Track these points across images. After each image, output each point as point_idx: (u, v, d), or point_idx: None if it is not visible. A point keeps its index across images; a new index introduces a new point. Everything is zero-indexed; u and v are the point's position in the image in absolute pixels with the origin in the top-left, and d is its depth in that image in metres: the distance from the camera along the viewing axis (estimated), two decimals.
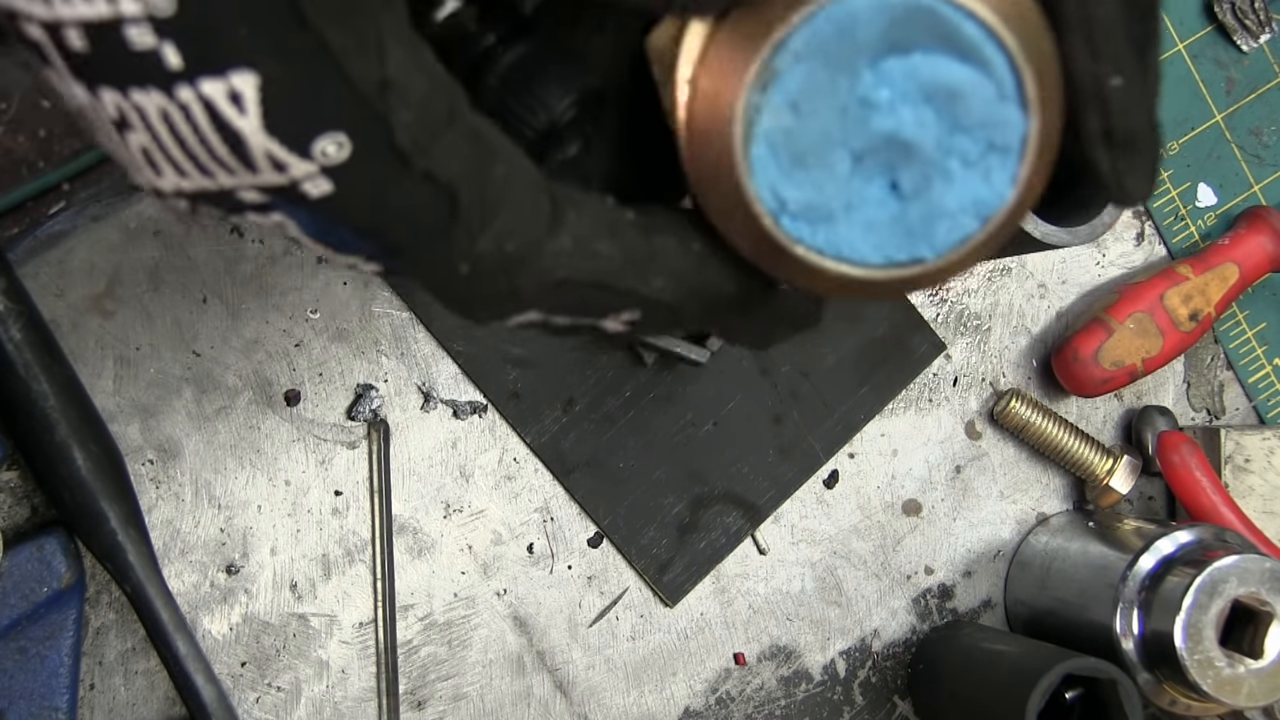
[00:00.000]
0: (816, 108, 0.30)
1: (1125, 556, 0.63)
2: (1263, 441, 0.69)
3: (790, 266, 0.32)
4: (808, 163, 0.30)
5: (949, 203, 0.30)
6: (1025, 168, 0.30)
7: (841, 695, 0.68)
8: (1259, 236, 0.69)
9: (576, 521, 0.66)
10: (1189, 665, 0.59)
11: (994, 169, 0.30)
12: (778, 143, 0.30)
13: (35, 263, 0.60)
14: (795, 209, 0.31)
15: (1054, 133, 0.31)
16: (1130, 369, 0.68)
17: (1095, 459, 0.68)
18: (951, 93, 0.30)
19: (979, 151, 0.30)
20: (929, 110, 0.30)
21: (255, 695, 0.62)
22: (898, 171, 0.30)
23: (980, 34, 0.29)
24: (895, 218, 0.31)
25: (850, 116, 0.30)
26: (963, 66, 0.29)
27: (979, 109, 0.30)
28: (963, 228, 0.31)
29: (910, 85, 0.30)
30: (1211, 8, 0.72)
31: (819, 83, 0.30)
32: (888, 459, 0.69)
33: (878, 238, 0.31)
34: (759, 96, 0.30)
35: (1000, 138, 0.30)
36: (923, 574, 0.69)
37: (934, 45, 0.29)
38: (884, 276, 0.31)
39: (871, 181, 0.30)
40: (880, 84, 0.30)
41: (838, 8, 0.29)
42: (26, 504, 0.58)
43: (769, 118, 0.30)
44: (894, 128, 0.30)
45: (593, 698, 0.65)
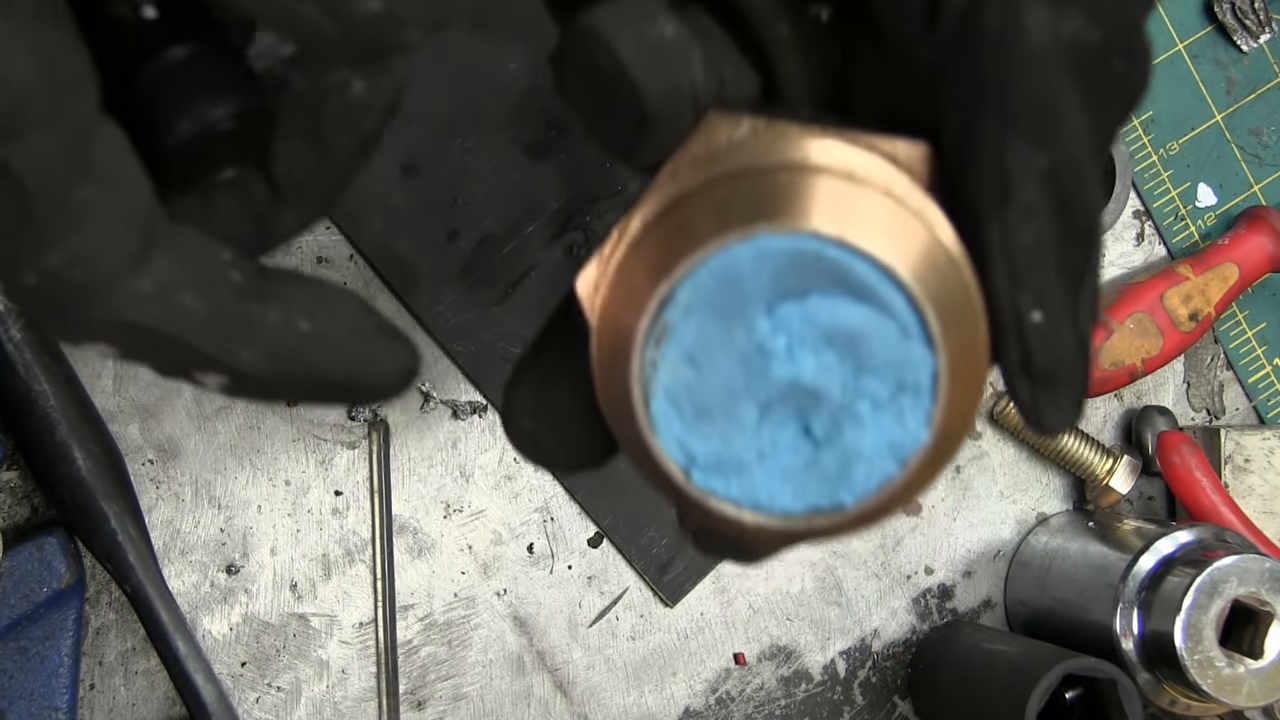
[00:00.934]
0: (714, 360, 0.29)
1: (1125, 556, 0.63)
2: (1263, 441, 0.69)
3: (711, 518, 0.30)
4: (713, 415, 0.29)
5: (864, 447, 0.29)
6: (940, 405, 0.29)
7: (841, 695, 0.68)
8: (1259, 236, 0.69)
9: (576, 521, 0.66)
10: (1189, 665, 0.59)
11: (906, 410, 0.29)
12: (679, 397, 0.29)
13: None
14: (705, 462, 0.29)
15: (973, 361, 0.29)
16: (1130, 369, 0.68)
17: (1095, 459, 0.68)
18: (851, 335, 0.28)
19: (889, 393, 0.29)
20: (831, 354, 0.28)
21: (255, 695, 0.62)
22: (808, 416, 0.29)
23: (873, 274, 0.28)
24: (810, 464, 0.29)
25: (750, 365, 0.29)
26: (860, 308, 0.28)
27: (882, 350, 0.28)
28: (881, 471, 0.29)
29: (808, 330, 0.28)
30: (1211, 8, 0.72)
31: (713, 334, 0.29)
32: None
33: (796, 485, 0.29)
34: (654, 352, 0.29)
35: (909, 378, 0.28)
36: (923, 574, 0.69)
37: (828, 287, 0.28)
38: (805, 526, 0.30)
39: (783, 428, 0.29)
40: (777, 331, 0.28)
41: (721, 258, 0.28)
42: (26, 504, 0.58)
43: (666, 373, 0.29)
44: (796, 375, 0.28)
45: (593, 698, 0.65)
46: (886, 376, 0.28)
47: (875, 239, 0.28)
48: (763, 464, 0.29)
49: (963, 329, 0.29)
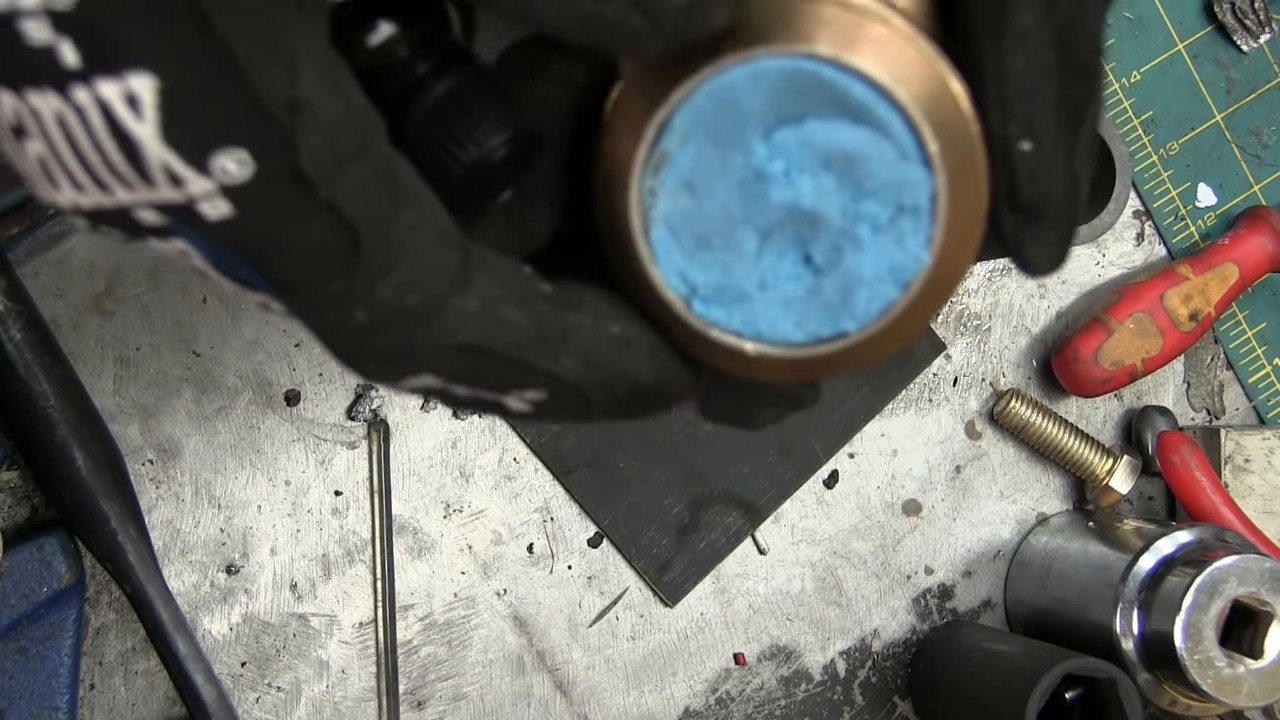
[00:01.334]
0: (712, 186, 0.29)
1: (1125, 556, 0.63)
2: (1263, 441, 0.69)
3: (712, 351, 0.30)
4: (712, 244, 0.29)
5: (865, 271, 0.29)
6: (940, 227, 0.28)
7: (841, 695, 0.68)
8: (1259, 236, 0.69)
9: (576, 521, 0.66)
10: (1189, 665, 0.59)
11: (906, 232, 0.28)
12: (678, 226, 0.29)
13: (35, 263, 0.60)
14: (706, 292, 0.29)
15: (973, 185, 0.29)
16: (1130, 369, 0.68)
17: (1095, 459, 0.68)
18: (849, 158, 0.28)
19: (888, 215, 0.28)
20: (829, 178, 0.28)
21: (255, 695, 0.62)
22: (808, 244, 0.29)
23: (870, 94, 0.28)
24: (812, 291, 0.29)
25: (749, 191, 0.28)
26: (857, 129, 0.28)
27: (881, 172, 0.28)
28: (883, 296, 0.29)
29: (806, 154, 0.28)
30: (1211, 8, 0.72)
31: (710, 161, 0.28)
32: (888, 459, 0.69)
33: (797, 314, 0.29)
34: (653, 180, 0.29)
35: (908, 199, 0.28)
36: (923, 574, 0.69)
37: (825, 111, 0.28)
38: (810, 354, 0.29)
39: (783, 256, 0.29)
40: (774, 155, 0.28)
41: (716, 82, 0.28)
42: (26, 504, 0.58)
43: (665, 201, 0.29)
44: (795, 199, 0.28)
45: (593, 698, 0.65)
46: (885, 199, 0.28)
47: (873, 61, 0.28)
48: (764, 293, 0.29)
49: (961, 153, 0.29)
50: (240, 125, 0.24)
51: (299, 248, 0.25)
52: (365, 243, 0.26)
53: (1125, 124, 0.71)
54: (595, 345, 0.29)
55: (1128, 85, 0.72)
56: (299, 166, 0.24)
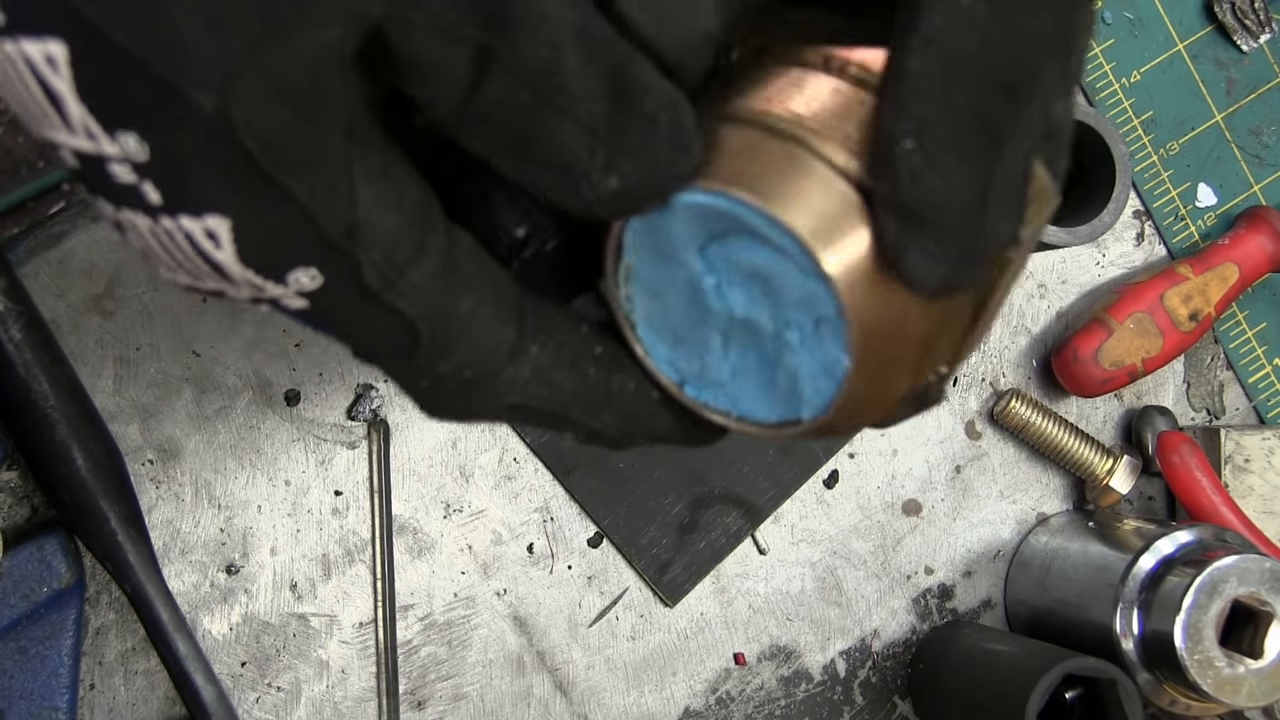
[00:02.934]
0: (668, 294, 0.32)
1: (1125, 556, 0.63)
2: (1263, 441, 0.69)
3: (713, 424, 0.33)
4: (687, 341, 0.32)
5: (803, 371, 0.31)
6: (853, 332, 0.30)
7: (841, 695, 0.68)
8: (1259, 236, 0.69)
9: (576, 521, 0.66)
10: (1189, 665, 0.59)
11: (826, 338, 0.30)
12: (657, 326, 0.32)
13: (35, 263, 0.60)
14: (693, 379, 0.33)
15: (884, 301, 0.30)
16: (1130, 369, 0.68)
17: (1095, 459, 0.68)
18: (764, 275, 0.30)
19: (810, 324, 0.30)
20: (756, 289, 0.31)
21: (255, 695, 0.62)
22: (760, 344, 0.32)
23: (764, 222, 0.29)
24: (770, 382, 0.32)
25: (697, 301, 0.31)
26: (761, 251, 0.30)
27: (791, 287, 0.30)
28: (823, 391, 0.31)
29: (732, 270, 0.31)
30: (1211, 8, 0.72)
31: (660, 272, 0.31)
32: (888, 459, 0.69)
33: (766, 400, 0.32)
34: (626, 287, 0.32)
35: (820, 310, 0.30)
36: (923, 574, 0.69)
37: (739, 233, 0.30)
38: (780, 434, 0.32)
39: (746, 353, 0.32)
40: (709, 270, 0.31)
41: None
42: (26, 504, 0.58)
43: (641, 305, 0.32)
44: (729, 309, 0.31)
45: (593, 698, 0.65)
46: (804, 310, 0.30)
47: (764, 191, 0.29)
48: (737, 381, 0.32)
49: (863, 265, 0.30)
50: (306, 250, 0.27)
51: (368, 337, 0.29)
52: (425, 335, 0.29)
53: (1125, 124, 0.71)
54: (634, 406, 0.33)
55: (1127, 85, 0.72)
56: (362, 280, 0.28)
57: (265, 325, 0.62)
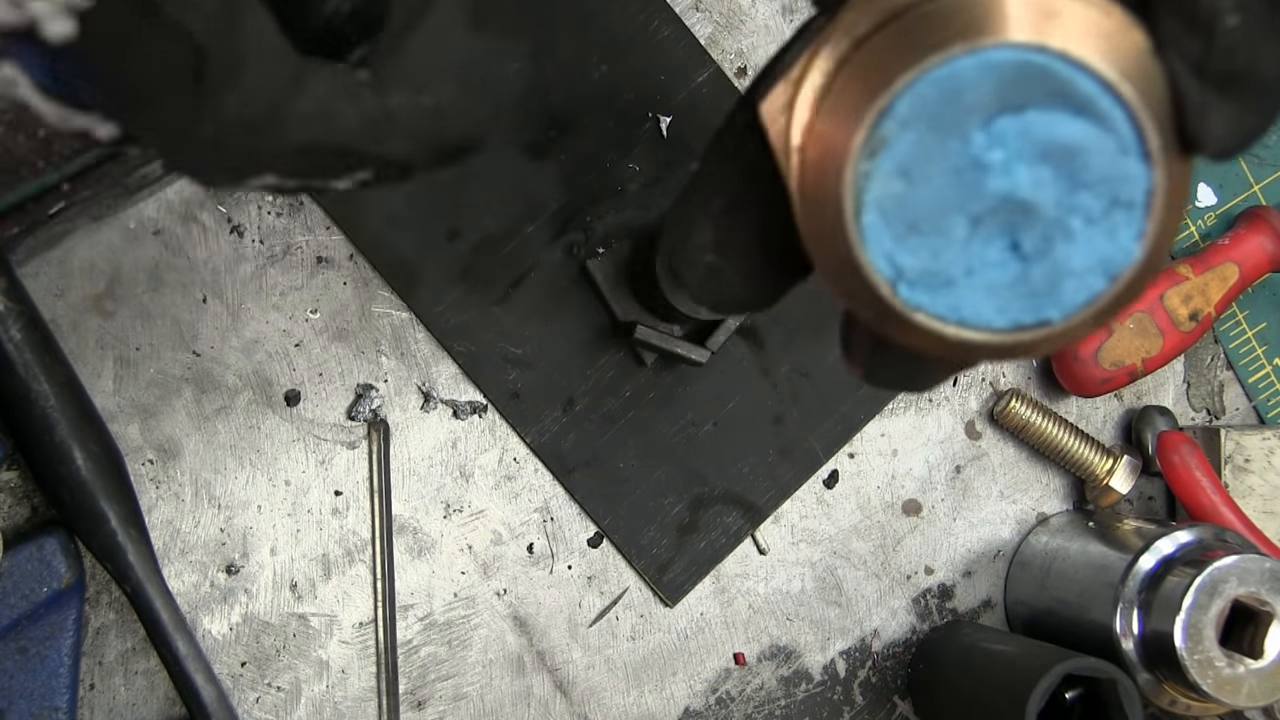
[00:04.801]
0: (928, 173, 0.29)
1: (1125, 556, 0.63)
2: (1263, 441, 0.69)
3: (911, 333, 0.31)
4: (923, 229, 0.30)
5: (1074, 262, 0.29)
6: (1153, 222, 0.29)
7: (841, 695, 0.68)
8: (1259, 236, 0.69)
9: (576, 521, 0.66)
10: (1189, 665, 0.59)
11: (1119, 226, 0.29)
12: (890, 210, 0.30)
13: (35, 263, 0.60)
14: (913, 276, 0.30)
15: (1181, 186, 0.30)
16: (1130, 369, 0.68)
17: (1095, 459, 0.68)
18: (1068, 150, 0.29)
19: (1102, 208, 0.29)
20: (1046, 169, 0.29)
21: (255, 695, 0.62)
22: (1018, 232, 0.29)
23: (1096, 88, 0.28)
24: (1018, 280, 0.30)
25: (964, 179, 0.29)
26: (1079, 122, 0.28)
27: (1099, 165, 0.29)
28: (1090, 287, 0.30)
29: (1025, 145, 0.29)
30: None
31: (929, 148, 0.29)
32: (888, 459, 0.69)
33: (1001, 301, 0.30)
34: (867, 164, 0.29)
35: (1124, 193, 0.29)
36: (923, 574, 0.69)
37: (1047, 102, 0.28)
38: (1009, 340, 0.30)
39: (991, 244, 0.30)
40: (993, 145, 0.29)
41: (942, 71, 0.29)
42: (26, 504, 0.58)
43: (879, 186, 0.29)
44: (1010, 189, 0.29)
45: (593, 698, 0.65)
46: (1101, 192, 0.29)
47: (1099, 54, 0.28)
48: (970, 279, 0.30)
49: (1172, 145, 0.29)
50: None
51: (144, 66, 0.27)
52: (211, 54, 0.27)
53: None
54: (415, 122, 0.32)
55: None
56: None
57: (265, 325, 0.62)
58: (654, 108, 0.65)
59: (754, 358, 0.67)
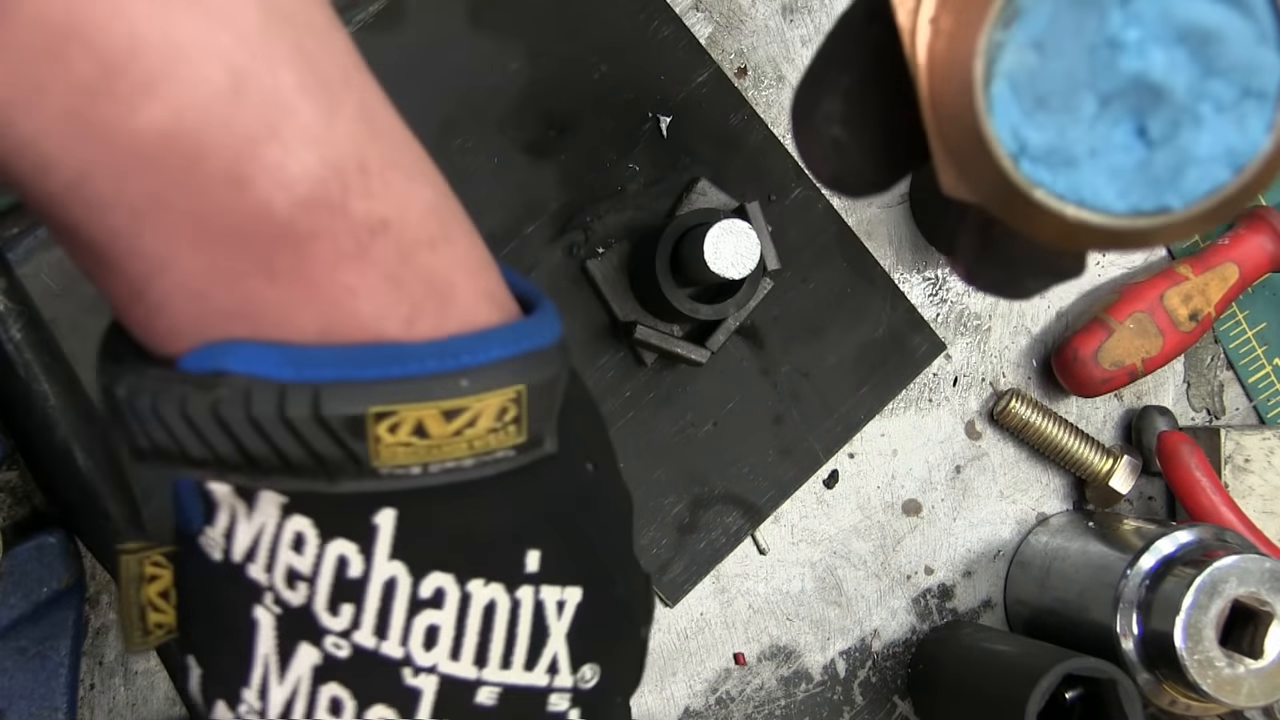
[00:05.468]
0: (1062, 47, 0.29)
1: (1125, 556, 0.63)
2: (1263, 441, 0.69)
3: (1028, 211, 0.30)
4: (1051, 104, 0.29)
5: (1200, 150, 0.29)
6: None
7: (841, 695, 0.68)
8: (1259, 236, 0.69)
9: None
10: (1189, 665, 0.59)
11: (1249, 115, 0.29)
12: (1020, 83, 0.29)
13: (35, 263, 0.60)
14: (1037, 152, 0.30)
15: None
16: (1130, 369, 0.68)
17: (1095, 459, 0.68)
18: (1206, 35, 0.28)
19: (1234, 97, 0.29)
20: (1181, 52, 0.29)
21: None
22: (1145, 116, 0.29)
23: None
24: (1142, 164, 0.29)
25: (1097, 57, 0.29)
26: (1218, 7, 0.28)
27: (1235, 52, 0.28)
28: (1214, 177, 0.29)
29: (1162, 26, 0.29)
30: None
31: (1065, 21, 0.29)
32: (888, 459, 0.69)
33: (1122, 185, 0.30)
34: (1002, 34, 0.29)
35: (1257, 83, 0.29)
36: (923, 574, 0.69)
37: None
38: (1127, 225, 0.30)
39: (1117, 125, 0.29)
40: (1130, 24, 0.29)
41: None
42: (26, 504, 0.58)
43: (1012, 56, 0.29)
44: (1143, 70, 0.29)
45: None
46: (1234, 80, 0.28)
47: None
48: (1093, 160, 0.30)
49: None
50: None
51: None
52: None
53: None
54: None
55: None
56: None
57: None
58: (654, 108, 0.65)
59: (754, 358, 0.67)
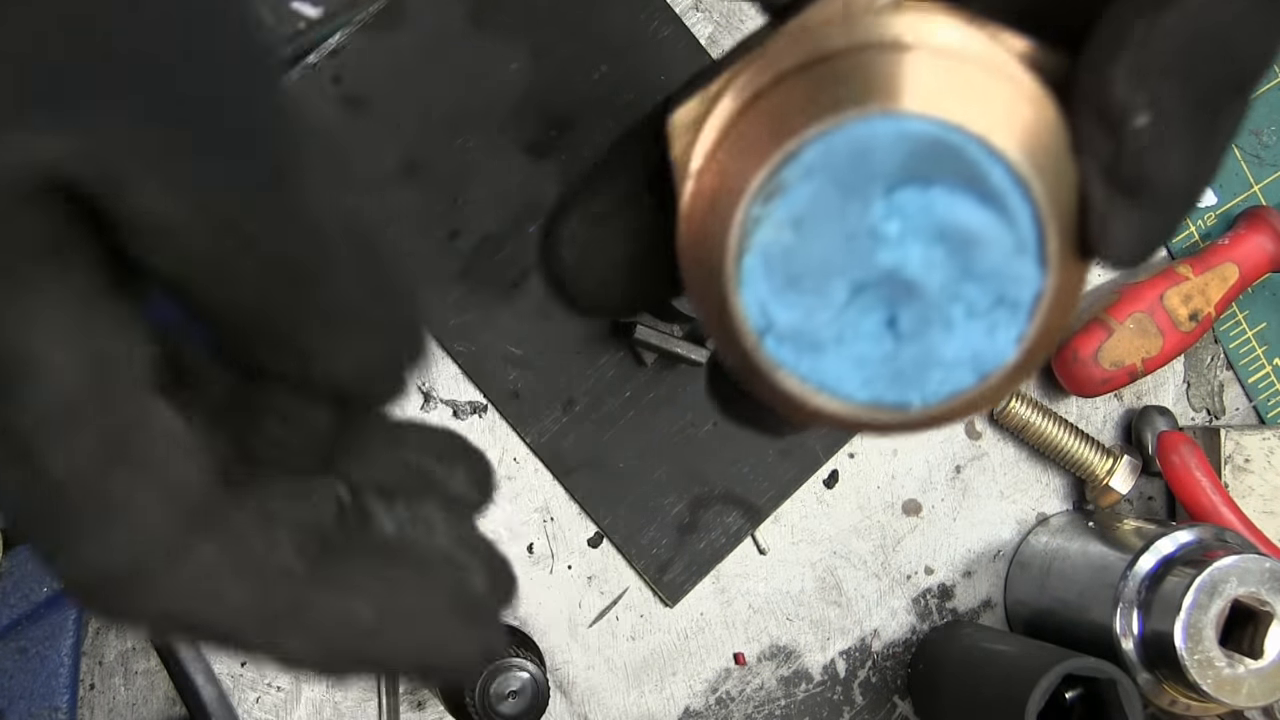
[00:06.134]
0: (820, 229, 0.28)
1: (1125, 556, 0.63)
2: (1263, 441, 0.69)
3: (769, 389, 0.29)
4: (803, 285, 0.28)
5: (946, 353, 0.28)
6: (1034, 328, 0.28)
7: (841, 695, 0.68)
8: (1259, 236, 0.69)
9: (576, 521, 0.66)
10: (1189, 665, 0.59)
11: (1000, 325, 0.28)
12: (774, 259, 0.28)
13: None
14: (783, 331, 0.28)
15: (1072, 291, 0.28)
16: (1130, 369, 0.68)
17: (1095, 459, 0.68)
18: (967, 237, 0.27)
19: (987, 303, 0.28)
20: (940, 251, 0.28)
21: (255, 695, 0.62)
22: (897, 309, 0.28)
23: (1007, 181, 0.27)
24: (888, 357, 0.28)
25: (855, 245, 0.28)
26: (983, 211, 0.27)
27: (994, 259, 0.27)
28: (957, 380, 0.28)
29: (923, 221, 0.28)
30: None
31: (827, 204, 0.28)
32: (888, 459, 0.69)
33: (867, 375, 0.29)
34: (761, 208, 0.28)
35: (1012, 293, 0.28)
36: (923, 574, 0.69)
37: (955, 183, 0.27)
38: (866, 416, 0.29)
39: (868, 315, 0.28)
40: (892, 215, 0.28)
41: (858, 128, 0.27)
42: None
43: (768, 231, 0.28)
44: (899, 264, 0.28)
45: (593, 698, 0.65)
46: (989, 286, 0.28)
47: (1018, 146, 0.27)
48: (839, 346, 0.29)
49: (1074, 253, 0.28)
50: None
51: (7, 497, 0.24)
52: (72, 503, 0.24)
53: None
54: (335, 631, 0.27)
55: None
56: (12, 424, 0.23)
57: None
58: None
59: None
